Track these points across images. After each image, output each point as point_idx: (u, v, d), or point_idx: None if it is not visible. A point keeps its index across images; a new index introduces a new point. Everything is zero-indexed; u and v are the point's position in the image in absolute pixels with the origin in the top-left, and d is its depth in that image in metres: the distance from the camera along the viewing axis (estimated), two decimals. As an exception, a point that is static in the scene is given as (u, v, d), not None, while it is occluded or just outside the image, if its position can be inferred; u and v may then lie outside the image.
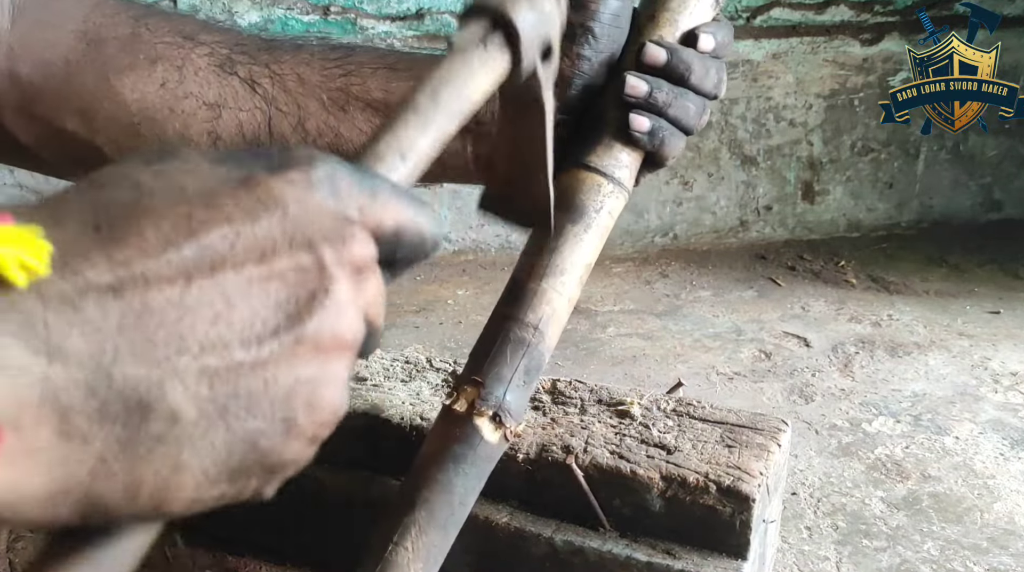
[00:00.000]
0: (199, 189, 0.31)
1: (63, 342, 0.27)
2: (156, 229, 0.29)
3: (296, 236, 0.31)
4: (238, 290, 0.30)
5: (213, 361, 0.29)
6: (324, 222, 0.32)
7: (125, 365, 0.28)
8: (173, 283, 0.29)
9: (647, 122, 0.58)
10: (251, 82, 0.61)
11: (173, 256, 0.29)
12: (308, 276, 0.31)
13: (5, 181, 2.27)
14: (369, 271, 0.34)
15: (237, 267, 0.30)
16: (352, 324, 0.32)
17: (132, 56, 0.60)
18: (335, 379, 0.32)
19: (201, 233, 0.30)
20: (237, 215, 0.30)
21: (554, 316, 0.57)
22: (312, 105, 0.61)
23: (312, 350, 0.31)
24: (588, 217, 0.58)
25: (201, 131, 0.61)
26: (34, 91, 0.59)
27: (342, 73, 0.61)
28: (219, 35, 0.62)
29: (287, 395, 0.31)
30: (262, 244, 0.30)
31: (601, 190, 0.58)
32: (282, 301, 0.31)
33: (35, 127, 0.61)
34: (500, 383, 0.54)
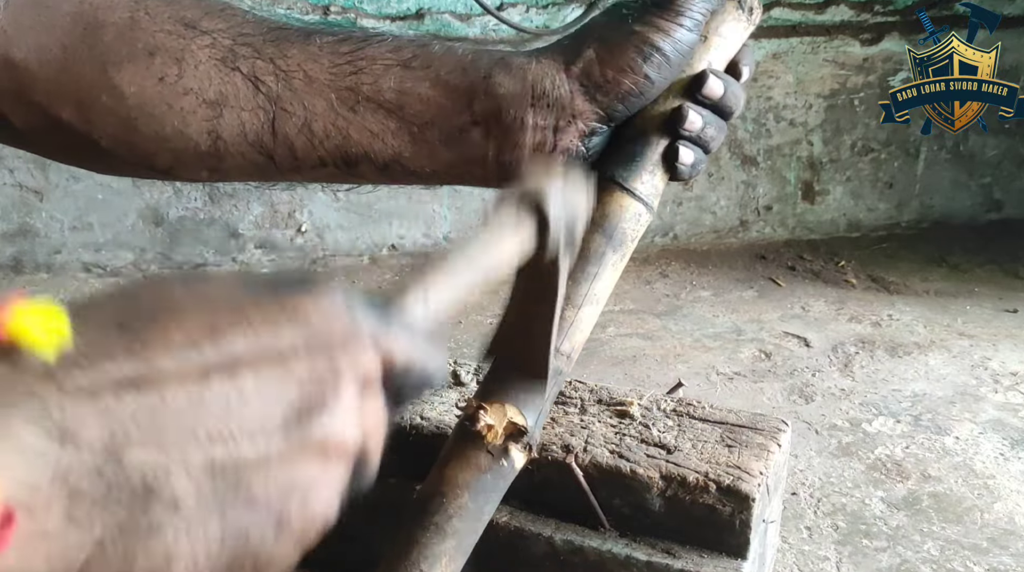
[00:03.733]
0: (227, 301, 0.32)
1: (77, 428, 0.27)
2: (180, 330, 0.30)
3: (314, 344, 0.32)
4: (254, 389, 0.31)
5: (219, 453, 0.30)
6: (341, 336, 0.33)
7: (134, 450, 0.28)
8: (192, 379, 0.30)
9: (693, 156, 0.58)
10: (255, 79, 0.58)
11: (194, 354, 0.30)
12: (321, 381, 0.32)
13: (5, 181, 2.26)
14: (375, 390, 0.35)
15: (255, 368, 0.31)
16: (354, 433, 0.33)
17: (130, 46, 0.57)
18: (331, 484, 0.33)
19: (223, 335, 0.31)
20: (259, 322, 0.32)
21: (581, 342, 0.57)
22: (319, 105, 0.58)
23: (315, 452, 0.32)
24: (626, 246, 0.58)
25: (201, 130, 0.58)
26: (30, 77, 0.57)
27: (352, 71, 0.58)
28: (223, 22, 0.59)
29: (284, 493, 0.31)
30: (281, 348, 0.32)
31: (640, 219, 0.58)
32: (293, 402, 0.32)
33: (32, 116, 0.58)
34: (534, 412, 0.54)
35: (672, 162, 0.58)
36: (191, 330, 0.30)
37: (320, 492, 0.33)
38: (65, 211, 2.29)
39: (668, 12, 0.56)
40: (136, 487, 0.28)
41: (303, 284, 0.34)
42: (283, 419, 0.31)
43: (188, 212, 2.35)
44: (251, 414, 0.31)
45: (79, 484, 0.27)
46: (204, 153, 0.59)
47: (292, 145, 0.59)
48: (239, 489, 0.30)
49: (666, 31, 0.56)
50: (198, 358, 0.30)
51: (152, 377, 0.29)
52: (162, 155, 0.60)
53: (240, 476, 0.30)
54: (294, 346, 0.32)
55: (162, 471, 0.29)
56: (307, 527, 0.33)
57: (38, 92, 0.58)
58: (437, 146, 0.58)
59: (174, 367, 0.29)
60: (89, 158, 0.63)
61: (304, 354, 0.32)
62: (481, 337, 2.00)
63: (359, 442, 0.34)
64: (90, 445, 0.28)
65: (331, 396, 0.32)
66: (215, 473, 0.30)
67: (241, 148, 0.59)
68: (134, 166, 0.62)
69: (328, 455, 0.32)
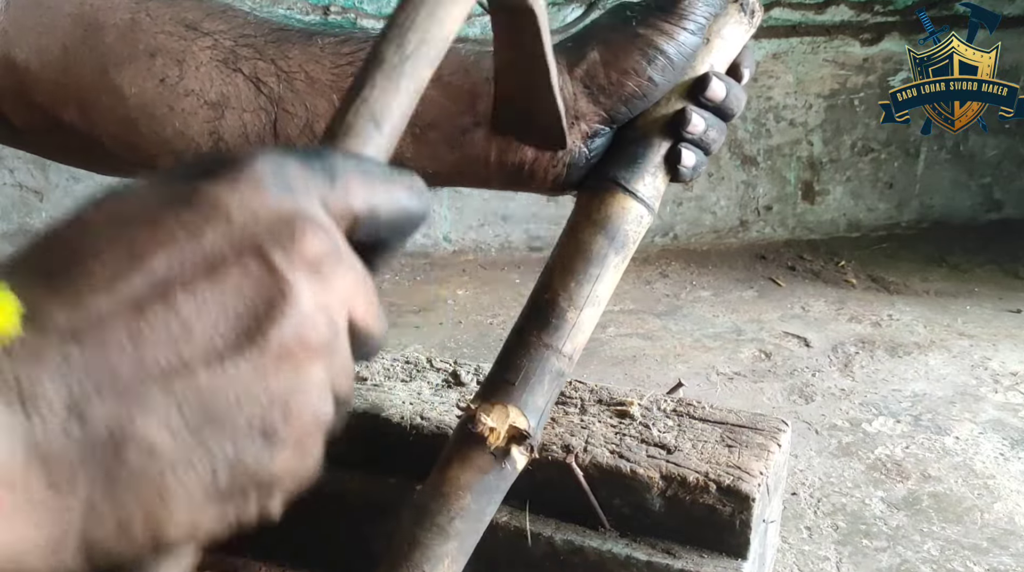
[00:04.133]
0: (140, 213, 0.30)
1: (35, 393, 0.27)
2: (102, 263, 0.29)
3: (242, 243, 0.30)
4: (192, 310, 0.29)
5: (179, 386, 0.29)
6: (271, 222, 0.31)
7: (94, 405, 0.28)
8: (126, 315, 0.28)
9: (695, 158, 0.58)
10: (256, 80, 0.58)
11: (122, 287, 0.29)
12: (261, 283, 0.30)
13: (5, 181, 2.26)
14: (335, 265, 0.32)
15: (187, 286, 0.29)
16: (320, 326, 0.31)
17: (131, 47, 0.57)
18: (311, 386, 0.31)
19: (146, 259, 0.29)
20: (179, 233, 0.30)
21: (583, 343, 0.57)
22: (322, 106, 0.58)
23: (279, 360, 0.30)
24: (627, 247, 0.58)
25: (202, 131, 0.58)
26: (31, 78, 0.57)
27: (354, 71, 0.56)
28: (223, 23, 0.59)
29: (261, 409, 0.30)
30: (209, 258, 0.30)
31: (642, 221, 0.58)
32: (239, 314, 0.30)
33: (33, 116, 0.59)
34: (536, 414, 0.54)
35: (674, 164, 0.58)
36: (112, 260, 0.29)
37: (301, 396, 0.31)
38: (65, 211, 2.29)
39: (672, 15, 0.56)
40: (105, 440, 0.28)
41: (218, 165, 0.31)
42: (234, 335, 0.29)
43: (188, 212, 2.35)
44: (198, 338, 0.29)
45: (51, 449, 0.27)
46: None
47: (294, 146, 0.59)
48: (211, 416, 0.29)
49: (670, 34, 0.56)
50: (127, 290, 0.29)
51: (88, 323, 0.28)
52: (164, 156, 0.60)
53: (207, 403, 0.29)
54: (221, 251, 0.30)
55: (126, 418, 0.28)
56: (301, 433, 0.31)
57: (39, 93, 0.58)
58: (439, 147, 0.58)
59: (106, 307, 0.28)
60: (90, 159, 0.63)
61: (234, 257, 0.30)
62: (481, 337, 2.00)
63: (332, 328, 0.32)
64: (52, 409, 0.27)
65: (277, 297, 0.30)
66: (180, 406, 0.29)
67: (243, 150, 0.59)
68: (136, 167, 0.62)
69: (296, 358, 0.31)
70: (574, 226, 0.58)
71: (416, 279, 2.34)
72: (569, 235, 0.57)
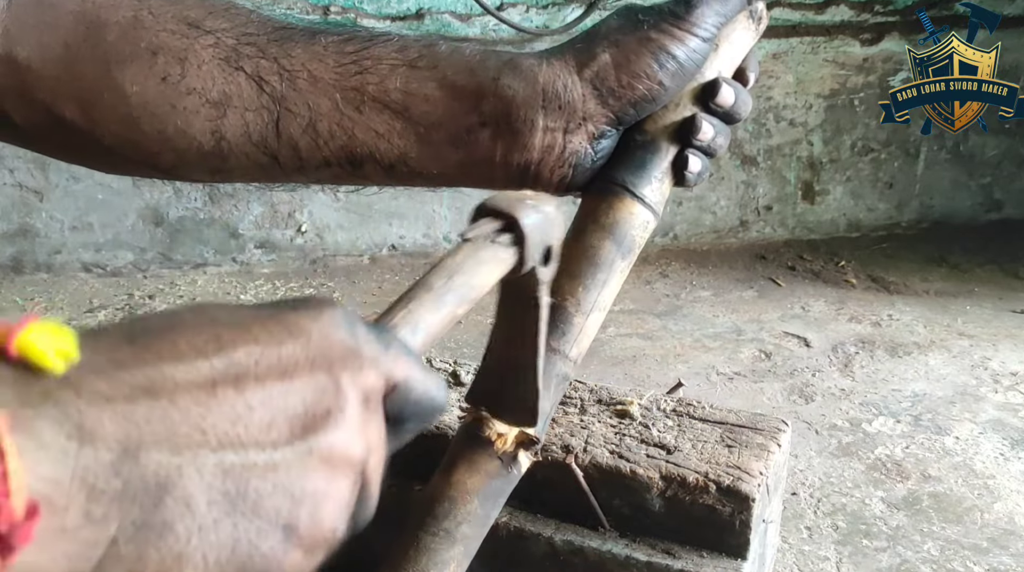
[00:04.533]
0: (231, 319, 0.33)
1: (95, 428, 0.28)
2: (188, 342, 0.32)
3: (316, 359, 0.33)
4: (259, 400, 0.32)
5: (229, 457, 0.31)
6: (342, 352, 0.34)
7: (149, 451, 0.29)
8: (200, 387, 0.31)
9: (701, 164, 0.59)
10: (259, 79, 0.57)
11: (202, 364, 0.31)
12: (324, 395, 0.33)
13: (5, 181, 2.26)
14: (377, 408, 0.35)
15: (259, 380, 0.32)
16: (359, 446, 0.34)
17: (133, 45, 0.57)
18: (338, 496, 0.34)
19: (229, 348, 0.32)
20: (264, 337, 0.33)
21: (587, 346, 0.57)
22: (324, 105, 0.57)
23: (321, 463, 0.33)
24: (633, 253, 0.58)
25: (204, 130, 0.58)
26: (33, 76, 0.57)
27: (358, 70, 0.57)
28: (226, 22, 0.58)
29: (293, 502, 0.32)
30: (284, 363, 0.33)
31: (648, 226, 0.58)
32: (299, 413, 0.32)
33: (35, 114, 0.58)
34: (541, 417, 0.54)
35: (681, 170, 0.58)
36: (197, 343, 0.32)
37: (328, 503, 0.33)
38: (65, 211, 2.29)
39: (684, 21, 0.57)
40: (150, 485, 0.29)
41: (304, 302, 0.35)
42: (289, 430, 0.32)
43: (188, 212, 2.35)
44: (258, 423, 0.31)
45: (97, 482, 0.28)
46: (207, 153, 0.59)
47: (296, 145, 0.58)
48: (248, 494, 0.31)
49: (682, 39, 0.56)
50: (206, 368, 0.31)
51: (162, 384, 0.30)
52: (165, 154, 0.60)
53: (249, 482, 0.31)
54: (296, 359, 0.33)
55: (175, 470, 0.29)
56: (315, 538, 0.33)
57: (41, 90, 0.58)
58: (444, 147, 0.58)
59: (183, 376, 0.30)
60: (92, 157, 0.63)
61: (307, 367, 0.33)
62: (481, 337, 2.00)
63: (364, 457, 0.35)
64: (107, 444, 0.28)
65: (335, 409, 0.33)
66: (225, 476, 0.30)
67: (245, 148, 0.59)
68: (137, 165, 0.62)
69: (335, 466, 0.33)
70: (581, 230, 0.57)
71: (416, 279, 2.34)
72: (576, 239, 0.57)
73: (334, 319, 0.35)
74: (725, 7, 0.58)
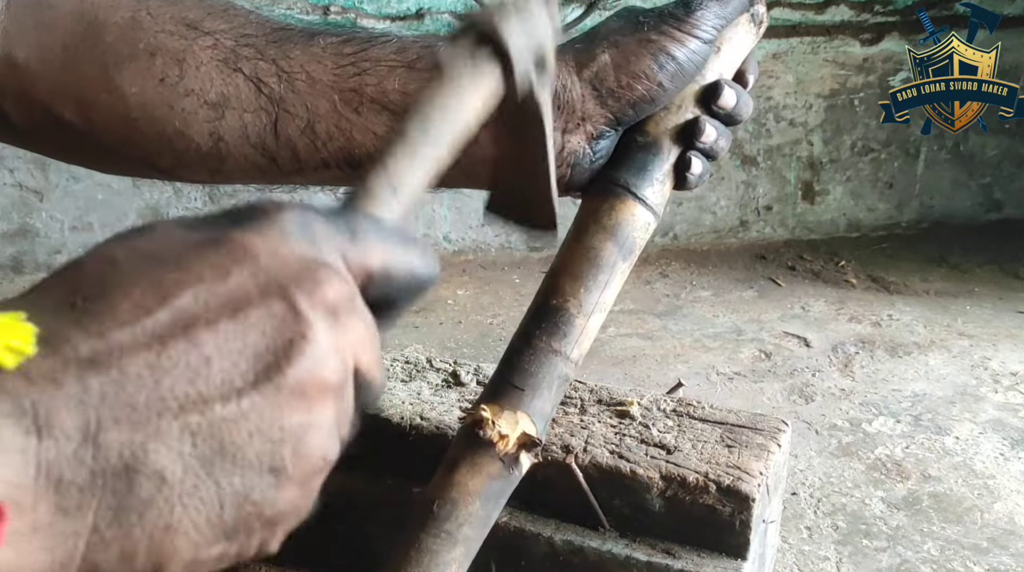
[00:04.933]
0: (170, 255, 0.31)
1: (51, 418, 0.27)
2: (128, 298, 0.30)
3: (268, 285, 0.31)
4: (214, 346, 0.30)
5: (194, 418, 0.29)
6: (296, 268, 0.32)
7: (109, 432, 0.28)
8: (149, 348, 0.29)
9: (702, 166, 0.59)
10: (257, 81, 0.57)
11: (147, 322, 0.29)
12: (283, 323, 0.31)
13: (5, 181, 2.26)
14: (350, 313, 0.33)
15: (211, 324, 0.30)
16: (334, 367, 0.32)
17: (131, 46, 0.57)
18: (321, 424, 0.32)
19: (172, 296, 0.30)
20: (207, 273, 0.31)
21: (587, 347, 0.57)
22: (323, 106, 0.57)
23: (294, 397, 0.31)
24: (634, 254, 0.58)
25: (202, 131, 0.58)
26: (32, 76, 0.57)
27: (356, 71, 0.57)
28: (224, 22, 0.58)
29: (273, 445, 0.31)
30: (234, 297, 0.30)
31: (648, 228, 0.59)
32: (259, 351, 0.30)
33: (34, 115, 0.58)
34: (543, 419, 0.54)
35: (683, 172, 0.58)
36: (137, 295, 0.30)
37: (312, 434, 0.32)
38: (65, 211, 2.29)
39: (685, 23, 0.57)
40: (118, 468, 0.28)
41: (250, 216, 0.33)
42: (252, 371, 0.30)
43: (188, 212, 2.35)
44: (216, 372, 0.30)
45: (62, 474, 0.27)
46: (206, 154, 0.59)
47: (295, 147, 0.58)
48: (223, 450, 0.30)
49: (682, 41, 0.56)
50: (151, 324, 0.29)
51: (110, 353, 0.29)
52: (164, 155, 0.60)
53: (221, 437, 0.30)
54: (246, 292, 0.31)
55: (139, 448, 0.28)
56: (306, 470, 0.32)
57: (40, 91, 0.58)
58: None
59: (129, 339, 0.29)
60: (91, 157, 0.63)
61: (258, 298, 0.31)
62: (481, 337, 2.00)
63: (344, 371, 0.33)
64: (66, 434, 0.27)
65: (296, 337, 0.31)
66: (194, 439, 0.29)
67: (243, 150, 0.59)
68: (137, 166, 0.62)
69: (310, 396, 0.31)
70: (583, 231, 0.57)
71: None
72: (578, 240, 0.57)
73: (284, 228, 0.32)
74: (725, 9, 0.58)
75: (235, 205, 0.34)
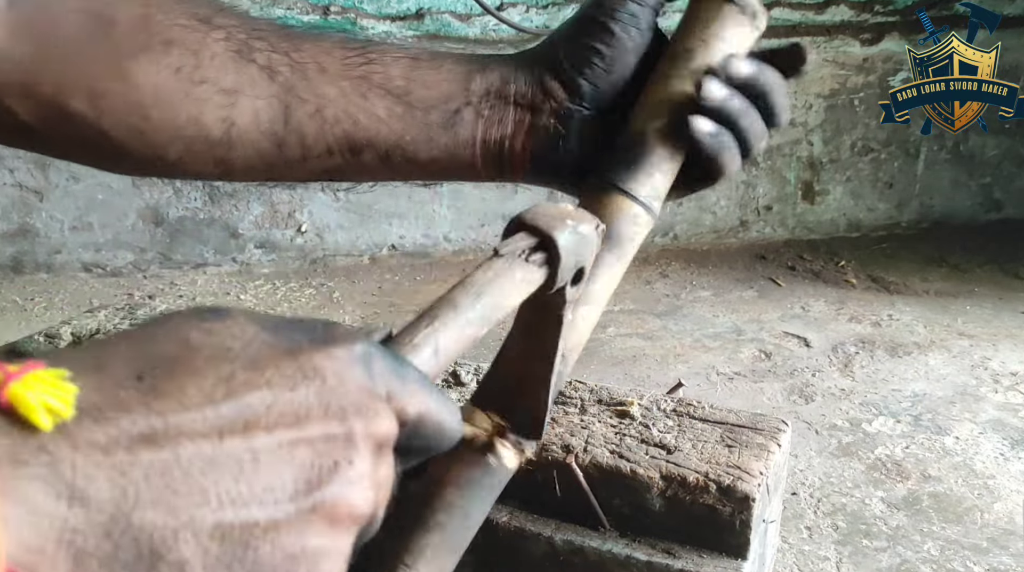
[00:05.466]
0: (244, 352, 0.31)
1: (87, 486, 0.27)
2: (197, 386, 0.30)
3: (330, 406, 0.32)
4: (267, 450, 0.30)
5: (229, 516, 0.29)
6: (357, 396, 0.32)
7: (144, 511, 0.28)
8: (207, 437, 0.29)
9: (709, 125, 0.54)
10: (270, 70, 0.59)
11: (211, 411, 0.29)
12: (335, 445, 0.31)
13: (5, 181, 2.26)
14: (388, 452, 0.34)
15: (270, 429, 0.30)
16: (367, 498, 0.33)
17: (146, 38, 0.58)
18: (339, 553, 0.32)
19: (240, 394, 0.30)
20: (277, 380, 0.31)
21: (579, 343, 0.57)
22: (331, 92, 0.59)
23: (324, 519, 0.31)
24: (623, 248, 0.58)
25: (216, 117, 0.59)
26: (37, 70, 0.57)
27: (363, 61, 0.60)
28: (235, 19, 0.60)
29: (291, 562, 0.31)
30: (297, 410, 0.31)
31: (638, 221, 0.58)
32: (306, 466, 0.31)
33: (39, 108, 0.59)
34: None
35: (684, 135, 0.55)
36: (207, 385, 0.30)
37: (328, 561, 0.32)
38: (65, 211, 2.29)
39: None
40: (143, 549, 0.28)
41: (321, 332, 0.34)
42: (295, 483, 0.31)
43: (188, 212, 2.35)
44: (263, 477, 0.30)
45: (85, 545, 0.27)
46: (215, 141, 0.60)
47: (303, 132, 0.60)
48: (246, 554, 0.30)
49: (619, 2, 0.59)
50: (213, 416, 0.29)
51: (167, 434, 0.29)
52: (173, 145, 0.60)
53: (248, 541, 0.30)
54: (309, 407, 0.31)
55: (170, 534, 0.28)
56: None
57: (46, 84, 0.58)
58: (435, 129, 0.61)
59: (189, 425, 0.29)
60: (97, 152, 0.64)
61: (319, 416, 0.31)
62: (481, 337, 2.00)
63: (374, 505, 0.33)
64: (99, 505, 0.27)
65: (345, 462, 0.32)
66: (223, 537, 0.29)
67: (252, 136, 0.60)
68: (143, 159, 0.63)
69: (338, 522, 0.32)
70: None
71: (416, 279, 2.34)
72: None
73: (351, 355, 0.33)
74: None
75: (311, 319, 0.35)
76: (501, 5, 2.25)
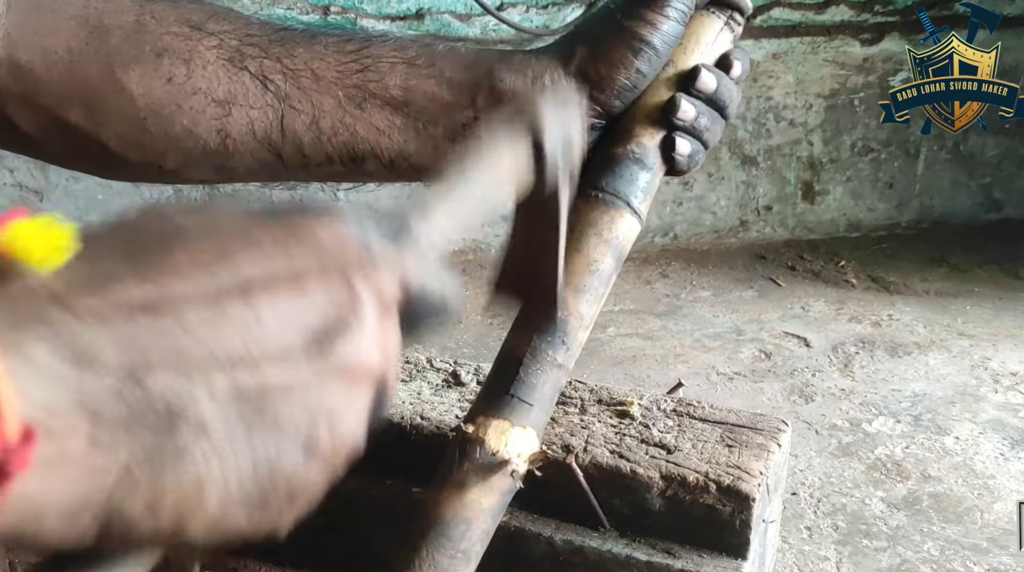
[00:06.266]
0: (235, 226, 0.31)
1: (92, 351, 0.27)
2: (190, 256, 0.29)
3: (328, 263, 0.31)
4: (270, 311, 0.30)
5: (243, 377, 0.29)
6: (356, 253, 0.32)
7: (156, 374, 0.27)
8: (206, 302, 0.29)
9: (689, 146, 0.58)
10: (263, 78, 0.58)
11: (205, 279, 0.29)
12: (339, 302, 0.31)
13: (5, 181, 2.27)
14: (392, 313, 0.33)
15: (270, 290, 0.30)
16: (377, 354, 0.32)
17: (138, 48, 0.58)
18: (357, 408, 0.32)
19: (235, 260, 0.30)
20: (271, 246, 0.31)
21: (578, 348, 0.57)
22: (327, 102, 0.59)
23: (340, 375, 0.31)
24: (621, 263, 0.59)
25: (210, 128, 0.59)
26: (36, 80, 0.57)
27: (359, 68, 0.59)
28: (228, 24, 0.60)
29: (312, 417, 0.31)
30: (295, 270, 0.31)
31: (624, 221, 0.58)
32: (314, 324, 0.31)
33: (38, 118, 0.59)
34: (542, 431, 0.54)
35: (669, 154, 0.58)
36: (200, 255, 0.30)
37: (347, 416, 0.32)
38: (65, 211, 2.29)
39: (654, 4, 0.57)
40: (160, 411, 0.28)
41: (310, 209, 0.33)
42: (304, 342, 0.30)
43: (188, 212, 2.35)
44: (271, 338, 0.30)
45: (99, 407, 0.27)
46: (213, 151, 0.60)
47: (300, 142, 0.60)
48: (266, 413, 0.29)
49: (654, 24, 0.57)
50: (210, 282, 0.29)
51: (165, 301, 0.28)
52: (171, 155, 0.60)
53: (265, 400, 0.29)
54: (307, 266, 0.31)
55: (186, 394, 0.28)
56: (336, 452, 0.32)
57: (45, 95, 0.58)
58: (442, 141, 0.60)
59: (186, 291, 0.29)
60: (97, 161, 0.64)
61: (319, 275, 0.31)
62: (481, 337, 2.00)
63: (384, 362, 0.33)
64: (108, 368, 0.27)
65: (352, 318, 0.31)
66: (240, 397, 0.29)
67: (250, 146, 0.60)
68: (142, 168, 0.63)
69: (353, 378, 0.32)
70: (585, 242, 0.57)
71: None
72: (579, 251, 0.57)
73: (344, 220, 0.33)
74: None
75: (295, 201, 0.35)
76: (501, 5, 2.26)
